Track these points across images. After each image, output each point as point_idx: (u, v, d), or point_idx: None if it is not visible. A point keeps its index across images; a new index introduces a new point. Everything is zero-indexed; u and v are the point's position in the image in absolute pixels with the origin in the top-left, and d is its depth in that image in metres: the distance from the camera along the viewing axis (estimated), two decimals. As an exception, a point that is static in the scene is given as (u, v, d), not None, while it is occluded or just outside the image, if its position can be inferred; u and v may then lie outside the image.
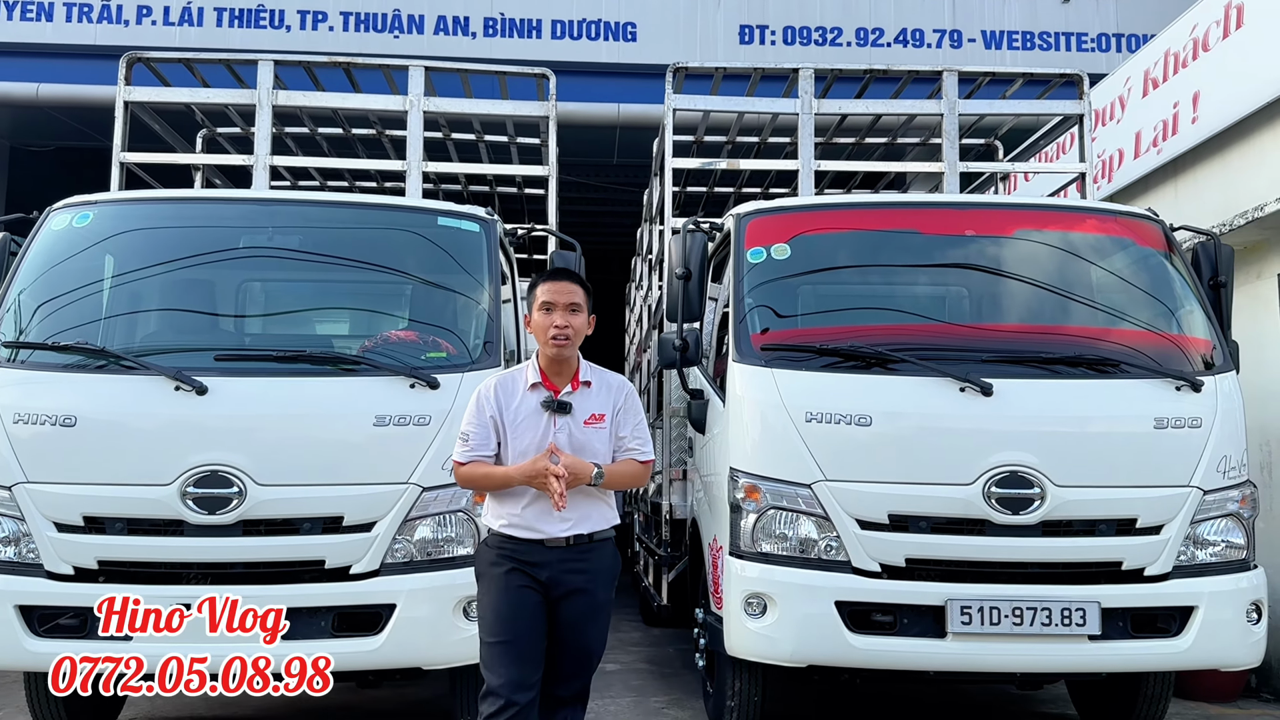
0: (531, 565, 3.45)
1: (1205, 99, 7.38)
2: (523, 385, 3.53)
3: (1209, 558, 4.67)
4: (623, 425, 3.56)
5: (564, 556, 3.46)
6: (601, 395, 3.55)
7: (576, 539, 3.48)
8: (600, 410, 3.52)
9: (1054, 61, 12.76)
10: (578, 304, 3.52)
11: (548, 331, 3.47)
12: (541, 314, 3.50)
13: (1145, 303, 5.13)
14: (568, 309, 3.49)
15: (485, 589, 3.51)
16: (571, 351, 3.52)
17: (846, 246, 5.30)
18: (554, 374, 3.53)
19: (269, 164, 6.47)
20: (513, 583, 3.43)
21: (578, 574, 3.47)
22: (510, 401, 3.51)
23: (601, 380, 3.60)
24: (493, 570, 3.49)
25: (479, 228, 5.26)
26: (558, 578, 3.45)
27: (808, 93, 6.74)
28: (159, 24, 12.51)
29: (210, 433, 4.52)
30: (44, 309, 4.87)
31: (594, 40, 12.67)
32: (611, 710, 6.18)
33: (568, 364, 3.53)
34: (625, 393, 3.61)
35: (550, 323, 3.47)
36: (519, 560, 3.46)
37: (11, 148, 13.32)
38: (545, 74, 6.81)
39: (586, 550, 3.50)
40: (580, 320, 3.52)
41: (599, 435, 3.50)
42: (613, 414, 3.54)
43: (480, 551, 3.61)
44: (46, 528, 4.47)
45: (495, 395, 3.52)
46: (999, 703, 6.45)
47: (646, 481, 3.81)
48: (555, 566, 3.45)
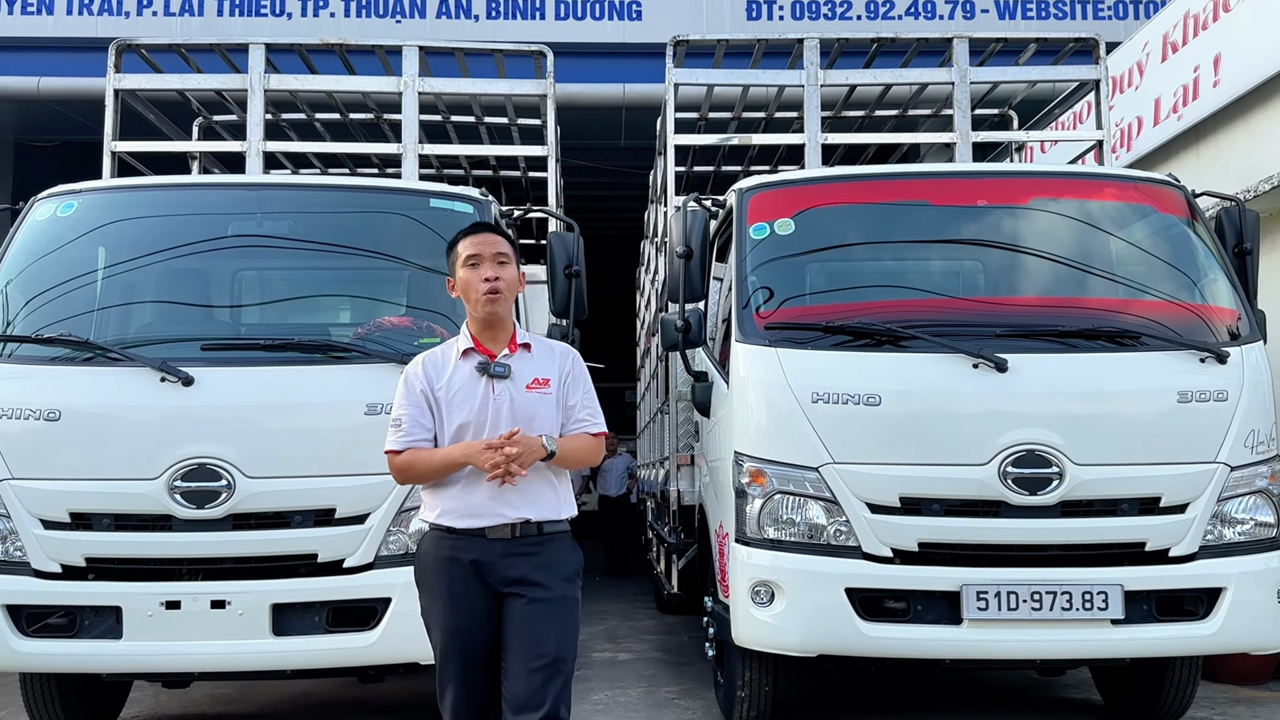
0: (475, 565, 3.01)
1: (1226, 61, 7.14)
2: (454, 355, 3.13)
3: (1237, 536, 4.48)
4: (571, 393, 3.17)
5: (509, 550, 3.02)
6: (544, 359, 3.18)
7: (523, 528, 3.03)
8: (544, 375, 3.13)
9: (1067, 30, 12.45)
10: (505, 254, 3.13)
11: (478, 287, 3.06)
12: (468, 270, 3.09)
13: (1166, 272, 4.92)
14: (495, 260, 3.09)
15: (430, 599, 3.09)
16: (505, 309, 3.12)
17: (853, 220, 5.12)
18: (488, 339, 3.13)
19: (262, 150, 6.32)
20: (458, 590, 3.01)
21: (528, 570, 3.02)
22: (441, 374, 3.11)
23: (543, 344, 3.25)
24: (436, 577, 3.06)
25: (472, 209, 5.09)
26: (505, 575, 3.01)
27: (813, 64, 6.53)
28: (159, 15, 12.42)
29: (197, 425, 4.41)
30: (28, 301, 4.76)
31: (598, 20, 12.48)
32: (622, 701, 6.05)
33: (502, 325, 3.14)
34: (571, 357, 3.23)
35: (479, 276, 3.06)
36: (460, 560, 3.02)
37: (16, 143, 13.26)
38: (542, 51, 6.62)
39: (535, 542, 3.05)
40: (511, 273, 3.13)
41: (544, 402, 3.09)
42: (559, 380, 3.15)
43: (419, 554, 3.15)
44: (33, 525, 4.37)
45: (424, 371, 3.13)
46: (1020, 689, 6.27)
47: (599, 458, 3.34)
48: (500, 564, 3.01)
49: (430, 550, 3.11)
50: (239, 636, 4.34)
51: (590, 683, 6.54)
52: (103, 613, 4.34)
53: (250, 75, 6.34)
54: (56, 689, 4.91)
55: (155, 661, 4.40)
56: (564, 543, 3.14)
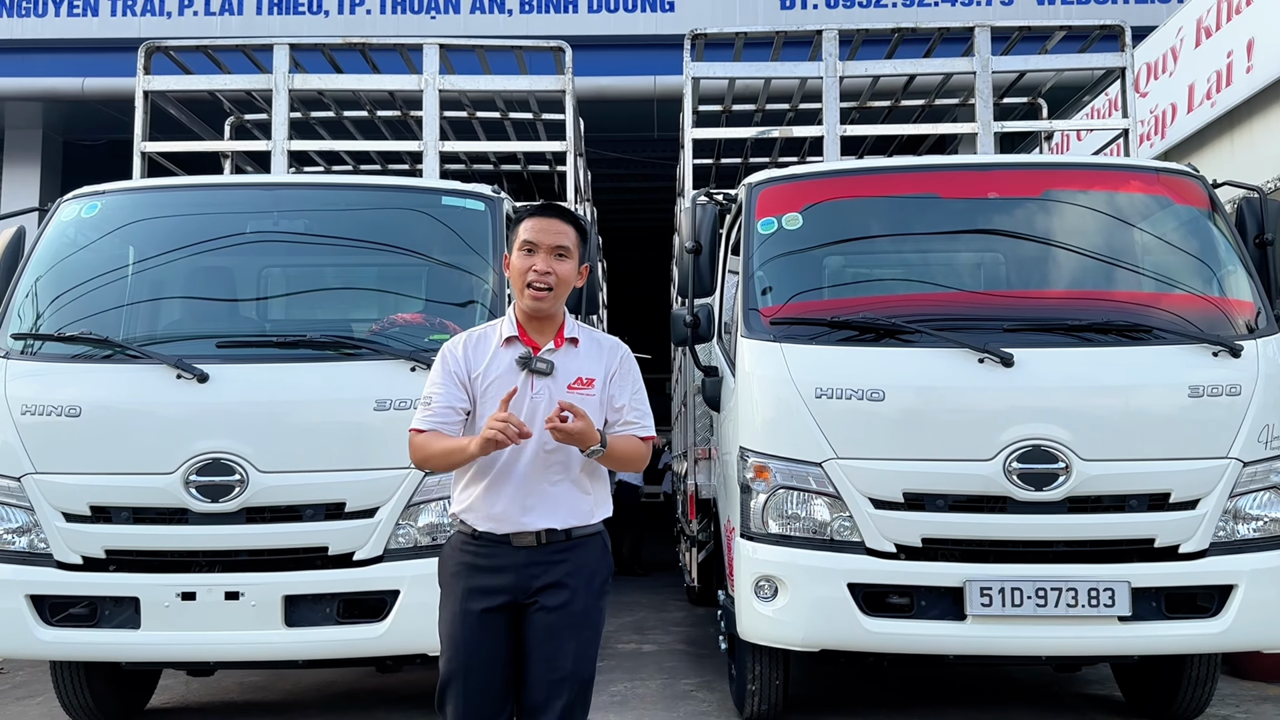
0: (496, 573, 2.87)
1: (1260, 46, 6.97)
2: (495, 340, 2.93)
3: (1250, 533, 4.39)
4: (619, 394, 2.95)
5: (533, 559, 2.87)
6: (591, 356, 2.96)
7: (550, 535, 2.87)
8: (589, 374, 2.91)
9: (1107, 16, 12.17)
10: (565, 248, 2.89)
11: (525, 277, 2.86)
12: (522, 255, 2.88)
13: (1182, 264, 4.83)
14: (553, 252, 2.87)
15: (444, 603, 2.95)
16: (554, 305, 2.90)
17: (862, 214, 5.08)
18: (534, 329, 2.93)
19: (287, 149, 6.44)
20: (473, 605, 2.86)
21: (552, 581, 2.87)
22: (480, 359, 2.91)
23: (591, 339, 3.01)
24: (453, 584, 2.92)
25: (484, 206, 5.15)
26: (527, 586, 2.86)
27: (831, 55, 6.49)
28: (200, 15, 12.64)
29: (212, 420, 4.51)
30: (53, 300, 4.90)
31: (630, 12, 12.48)
32: (640, 693, 6.09)
33: (551, 319, 2.93)
34: (620, 354, 3.00)
35: (529, 266, 2.86)
36: (482, 570, 2.88)
37: (65, 143, 13.58)
38: (561, 46, 6.66)
39: (563, 549, 2.88)
40: (567, 268, 2.90)
41: (588, 403, 2.84)
42: (605, 379, 2.94)
43: (443, 554, 3.01)
44: (55, 518, 4.50)
45: (464, 352, 2.94)
46: (1038, 684, 6.21)
47: (645, 464, 3.13)
48: (523, 573, 2.86)
49: (450, 555, 2.99)
50: (252, 627, 4.44)
51: (611, 674, 6.59)
52: (122, 603, 4.47)
53: (274, 75, 6.47)
54: (85, 677, 5.07)
55: (172, 651, 4.52)
56: (595, 547, 2.98)
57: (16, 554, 4.53)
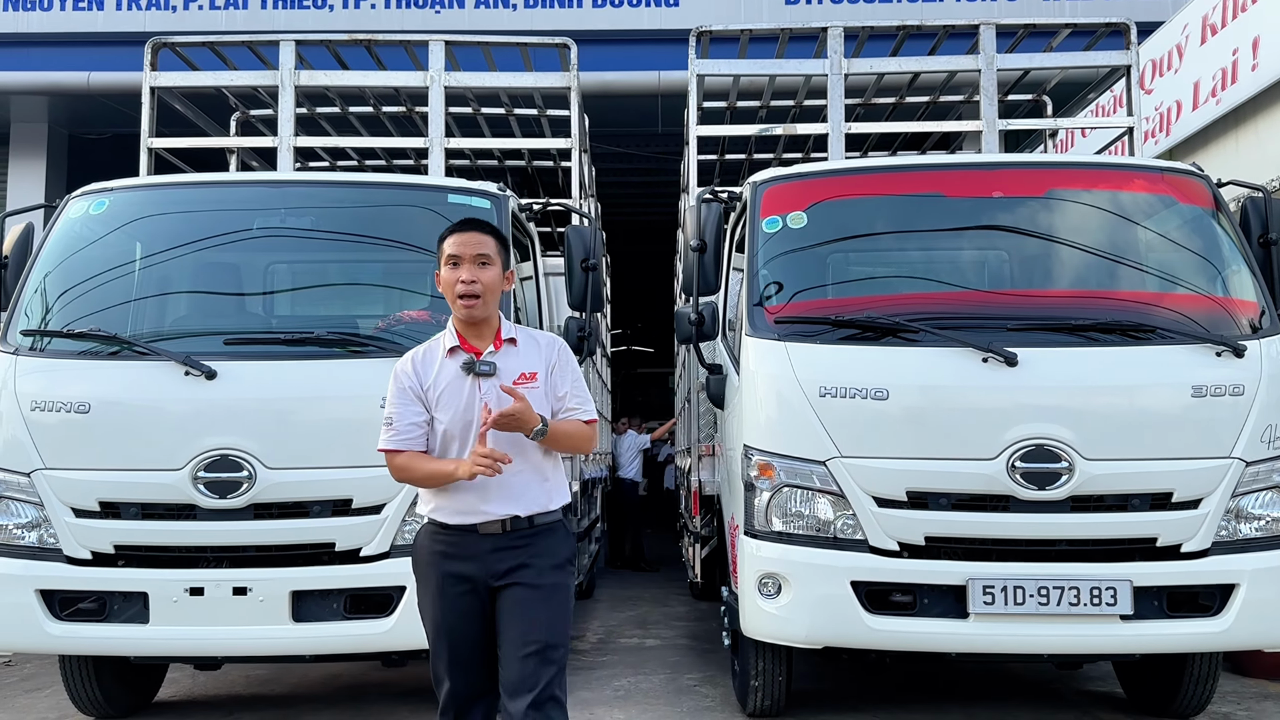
0: (465, 560, 3.11)
1: (1266, 44, 6.97)
2: (440, 352, 3.18)
3: (1252, 532, 4.41)
4: (559, 383, 3.21)
5: (500, 545, 3.10)
6: (530, 353, 3.21)
7: (514, 523, 3.11)
8: (531, 369, 3.17)
9: (1115, 11, 12.14)
10: (487, 256, 3.13)
11: (454, 288, 3.10)
12: (448, 269, 3.13)
13: (1185, 264, 4.84)
14: (475, 262, 3.11)
15: (422, 591, 3.23)
16: (485, 311, 3.14)
17: (866, 213, 5.10)
18: (472, 335, 3.17)
19: (293, 145, 6.46)
20: (448, 590, 3.11)
21: (517, 564, 3.10)
22: (429, 372, 3.16)
23: (529, 337, 3.28)
24: (429, 573, 3.17)
25: (490, 204, 5.16)
26: (495, 570, 3.09)
27: (836, 52, 6.50)
28: (205, 9, 12.65)
29: (220, 417, 4.54)
30: (61, 296, 4.92)
31: (635, 7, 12.47)
32: (643, 688, 6.12)
33: (486, 324, 3.17)
34: (558, 348, 3.27)
35: (456, 278, 3.10)
36: (453, 558, 3.12)
37: (70, 136, 13.60)
38: (566, 44, 6.68)
39: (526, 535, 3.12)
40: (491, 275, 3.13)
41: (532, 396, 3.10)
42: (546, 372, 3.19)
43: (415, 546, 3.27)
44: (64, 513, 4.54)
45: (413, 368, 3.18)
46: (1040, 680, 6.24)
47: (592, 446, 3.43)
48: (490, 559, 3.10)
49: (424, 544, 3.22)
50: (260, 622, 4.48)
51: (614, 669, 6.63)
52: (131, 598, 4.51)
53: (281, 71, 6.49)
54: (94, 671, 5.12)
55: (180, 645, 4.56)
56: (556, 532, 3.21)
57: (26, 549, 4.57)
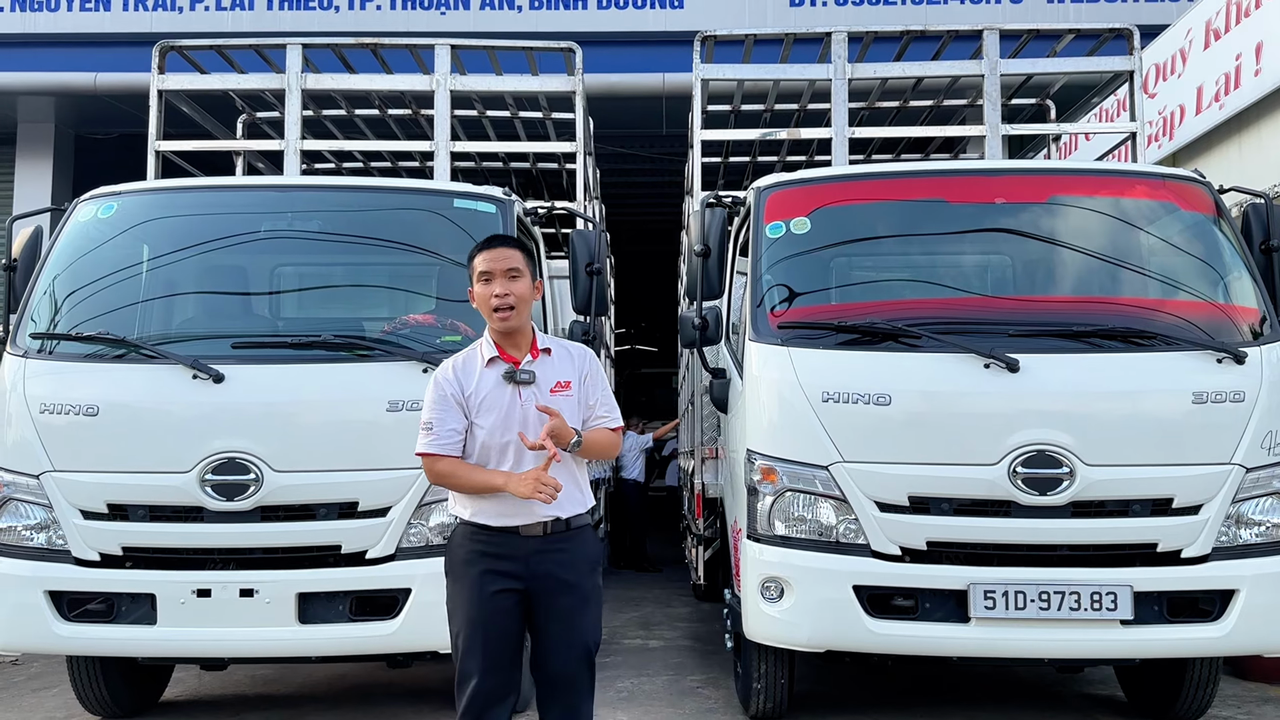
0: (506, 559, 3.24)
1: (1269, 49, 6.98)
2: (479, 362, 3.32)
3: (1252, 538, 4.44)
4: (590, 393, 3.38)
5: (541, 547, 3.26)
6: (564, 362, 3.38)
7: (554, 525, 3.27)
8: (565, 377, 3.34)
9: (1120, 15, 12.17)
10: (517, 269, 3.29)
11: (489, 302, 3.27)
12: (481, 285, 3.30)
13: (1187, 270, 4.87)
14: (506, 276, 3.27)
15: (457, 589, 3.31)
16: (519, 321, 3.30)
17: (869, 218, 5.13)
18: (509, 346, 3.33)
19: (299, 148, 6.50)
20: (487, 587, 3.23)
21: (558, 565, 3.27)
22: (469, 380, 3.30)
23: (561, 347, 3.44)
24: (466, 570, 3.27)
25: (495, 208, 5.20)
26: (536, 571, 3.25)
27: (840, 57, 6.53)
28: (211, 10, 12.68)
29: (227, 420, 4.58)
30: (69, 299, 4.96)
31: (640, 9, 12.49)
32: (646, 689, 6.15)
33: (521, 334, 3.34)
34: (588, 358, 3.44)
35: (490, 292, 3.27)
36: (492, 556, 3.25)
37: (77, 137, 13.65)
38: (572, 48, 6.71)
39: (565, 538, 3.29)
40: (523, 286, 3.29)
41: (568, 403, 3.29)
42: (579, 381, 3.36)
43: (451, 545, 3.38)
44: (73, 515, 4.58)
45: (455, 376, 3.31)
46: (1042, 683, 6.26)
47: (618, 451, 3.65)
48: (532, 560, 3.24)
49: (461, 544, 3.32)
50: (266, 624, 4.52)
51: (617, 670, 6.66)
52: (138, 599, 4.55)
53: (288, 75, 6.52)
54: (101, 671, 5.16)
55: (187, 646, 4.60)
56: (588, 534, 3.42)
57: (35, 550, 4.62)
